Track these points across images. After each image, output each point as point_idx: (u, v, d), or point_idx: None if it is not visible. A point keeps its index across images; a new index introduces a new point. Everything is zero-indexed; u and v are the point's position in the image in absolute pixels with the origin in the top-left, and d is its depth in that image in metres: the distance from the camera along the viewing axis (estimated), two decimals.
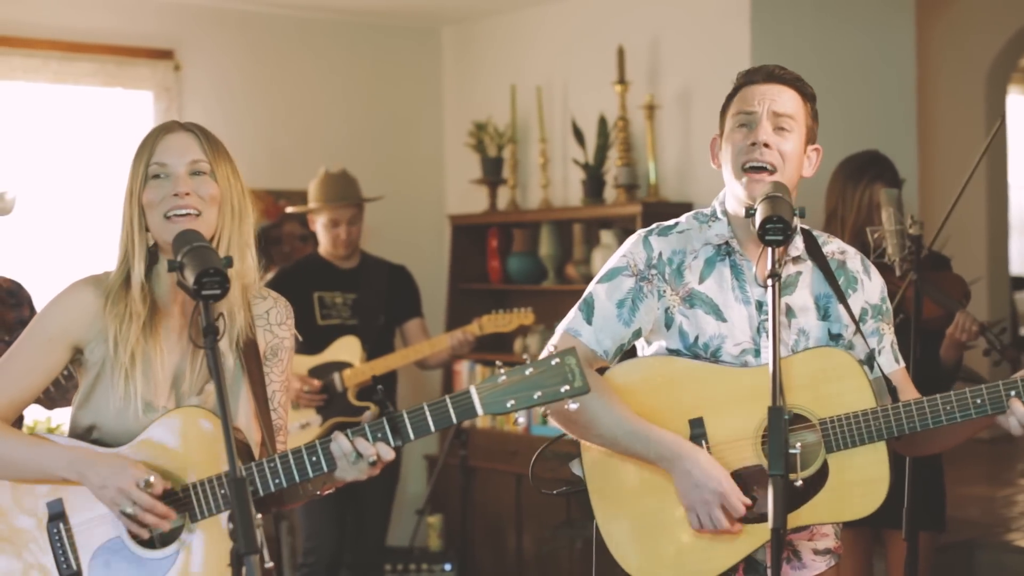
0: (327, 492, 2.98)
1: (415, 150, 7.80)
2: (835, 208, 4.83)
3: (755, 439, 3.00)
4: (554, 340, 3.11)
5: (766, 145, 3.01)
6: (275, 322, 3.04)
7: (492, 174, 7.33)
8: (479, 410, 2.68)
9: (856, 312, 3.12)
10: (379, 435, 2.73)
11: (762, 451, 3.00)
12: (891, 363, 3.15)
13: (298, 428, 5.81)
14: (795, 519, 2.96)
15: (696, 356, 3.11)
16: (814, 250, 3.14)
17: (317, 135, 7.37)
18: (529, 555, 6.81)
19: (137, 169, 2.88)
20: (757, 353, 3.06)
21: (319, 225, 6.13)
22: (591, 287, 3.19)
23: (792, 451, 2.69)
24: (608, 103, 6.74)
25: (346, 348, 5.96)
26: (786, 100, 3.06)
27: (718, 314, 3.09)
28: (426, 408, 2.71)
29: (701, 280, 3.11)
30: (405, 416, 2.72)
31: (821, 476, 2.96)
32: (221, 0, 7.00)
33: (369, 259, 6.25)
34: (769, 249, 2.82)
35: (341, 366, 5.90)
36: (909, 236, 4.20)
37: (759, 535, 3.00)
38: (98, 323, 2.89)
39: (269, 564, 2.65)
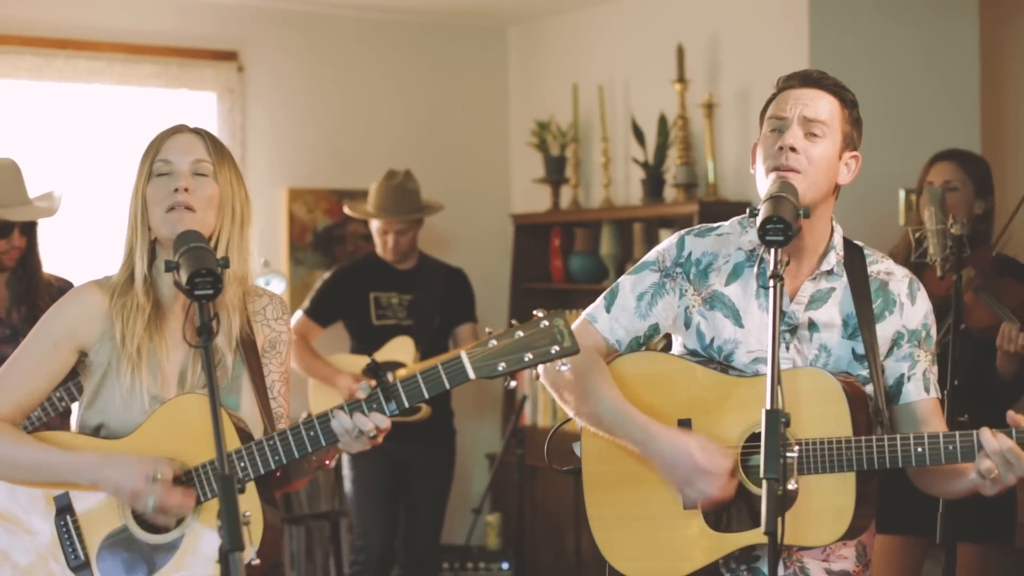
0: (332, 461, 3.07)
1: (480, 149, 7.81)
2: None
3: (735, 449, 2.98)
4: (575, 324, 3.11)
5: (792, 149, 2.97)
6: (272, 317, 3.12)
7: (555, 173, 7.32)
8: (471, 374, 2.73)
9: (889, 335, 3.05)
10: (374, 406, 2.78)
11: (739, 462, 2.97)
12: (919, 391, 3.06)
13: None
14: (753, 537, 2.94)
15: (710, 358, 3.09)
16: (856, 267, 3.09)
17: (380, 135, 7.41)
18: (587, 555, 6.78)
19: (143, 166, 2.98)
20: None
21: (372, 227, 6.20)
22: (621, 277, 3.22)
23: (790, 454, 2.65)
24: (668, 102, 6.71)
25: (400, 348, 6.00)
26: (820, 105, 3.01)
27: (736, 319, 3.07)
28: (419, 376, 2.76)
29: (726, 284, 3.10)
30: (399, 385, 2.78)
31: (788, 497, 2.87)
32: (284, 1, 7.07)
33: (427, 260, 6.28)
34: (771, 250, 2.80)
35: (394, 366, 5.94)
36: (951, 236, 4.14)
37: (730, 543, 2.97)
38: (103, 324, 2.97)
39: (256, 561, 2.69)
